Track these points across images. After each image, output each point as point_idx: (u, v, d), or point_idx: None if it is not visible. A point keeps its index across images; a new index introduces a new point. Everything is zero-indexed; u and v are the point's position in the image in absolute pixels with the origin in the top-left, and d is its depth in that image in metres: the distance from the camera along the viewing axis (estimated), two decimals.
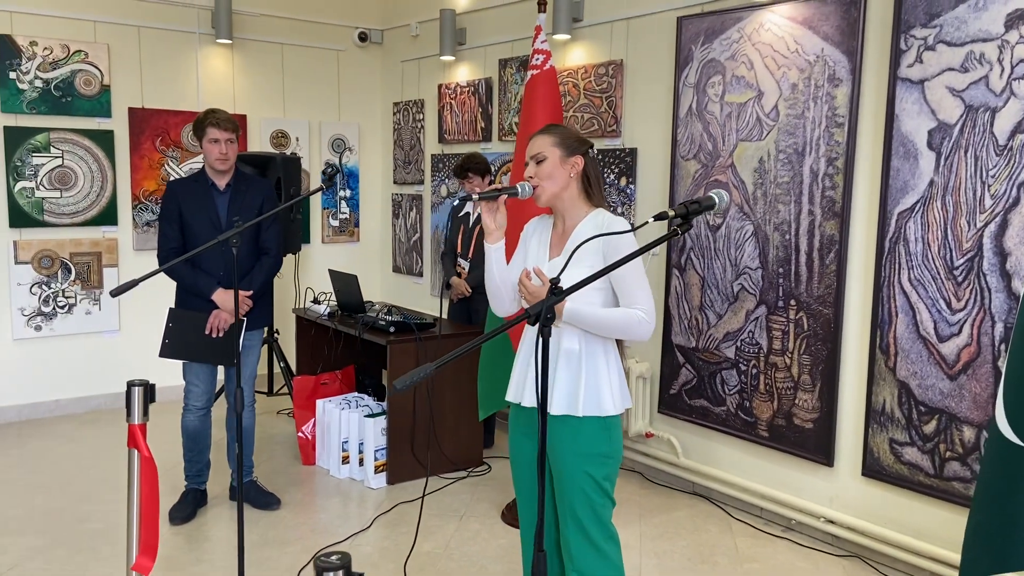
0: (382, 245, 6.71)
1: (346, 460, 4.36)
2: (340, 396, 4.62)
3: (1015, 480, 1.95)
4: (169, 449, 4.48)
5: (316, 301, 5.02)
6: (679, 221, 1.83)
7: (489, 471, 4.52)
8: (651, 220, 1.84)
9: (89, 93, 5.33)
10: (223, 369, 3.98)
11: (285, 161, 5.29)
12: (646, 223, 1.91)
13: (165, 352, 3.69)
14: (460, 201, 2.34)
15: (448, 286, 4.78)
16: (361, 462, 4.31)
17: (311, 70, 6.28)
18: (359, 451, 4.30)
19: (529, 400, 2.36)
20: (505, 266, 2.42)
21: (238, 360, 2.95)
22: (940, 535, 3.25)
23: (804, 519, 3.70)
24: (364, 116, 6.57)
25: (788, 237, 3.66)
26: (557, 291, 1.71)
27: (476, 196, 2.27)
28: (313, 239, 6.38)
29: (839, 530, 3.57)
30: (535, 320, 1.64)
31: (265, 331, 4.32)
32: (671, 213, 1.82)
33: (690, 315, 4.11)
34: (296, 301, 6.01)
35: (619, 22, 4.49)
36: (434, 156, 5.97)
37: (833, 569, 3.43)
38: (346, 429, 4.33)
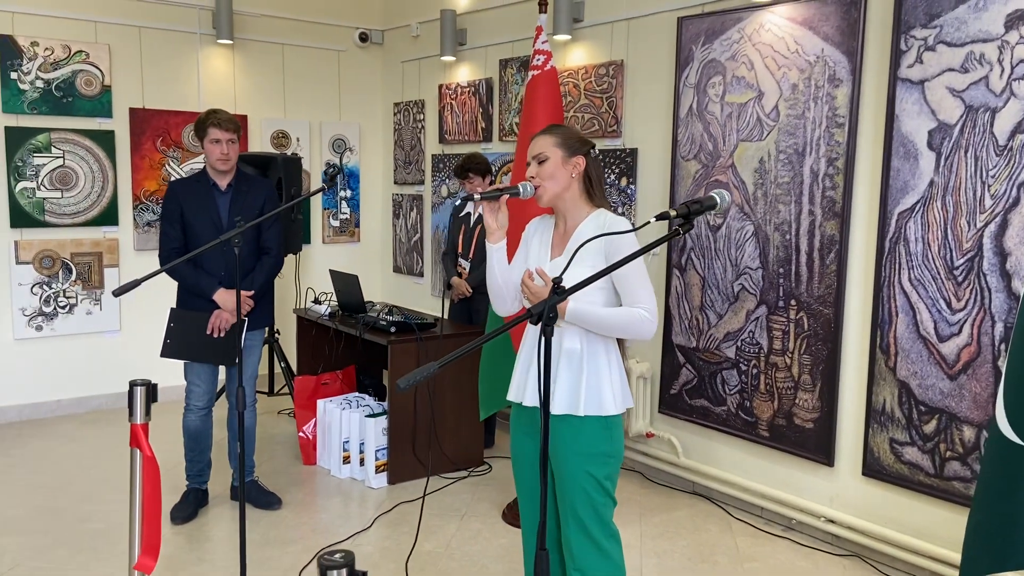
0: (382, 245, 6.71)
1: (347, 460, 4.36)
2: (341, 396, 4.63)
3: (1015, 479, 1.96)
4: (170, 449, 4.49)
5: (317, 301, 5.02)
6: (680, 221, 1.83)
7: (490, 471, 4.52)
8: (653, 220, 1.84)
9: (90, 93, 5.34)
10: (224, 369, 3.99)
11: (286, 161, 5.30)
12: (648, 223, 1.91)
13: (166, 352, 3.70)
14: (462, 201, 2.35)
15: (449, 286, 4.79)
16: (362, 462, 4.31)
17: (312, 70, 6.28)
18: (360, 451, 4.31)
19: (530, 399, 2.37)
20: (507, 266, 2.42)
21: (240, 360, 2.96)
22: (940, 534, 3.25)
23: (804, 519, 3.71)
24: (365, 116, 6.58)
25: (788, 237, 3.67)
26: (559, 290, 1.71)
27: (478, 196, 2.28)
28: (314, 239, 6.39)
29: (839, 530, 3.57)
30: (537, 319, 1.64)
31: (266, 331, 4.33)
32: (673, 213, 1.83)
33: (690, 315, 4.12)
34: (297, 301, 6.02)
35: (620, 22, 4.49)
36: (435, 156, 5.98)
37: (833, 568, 3.43)
38: (347, 429, 4.33)
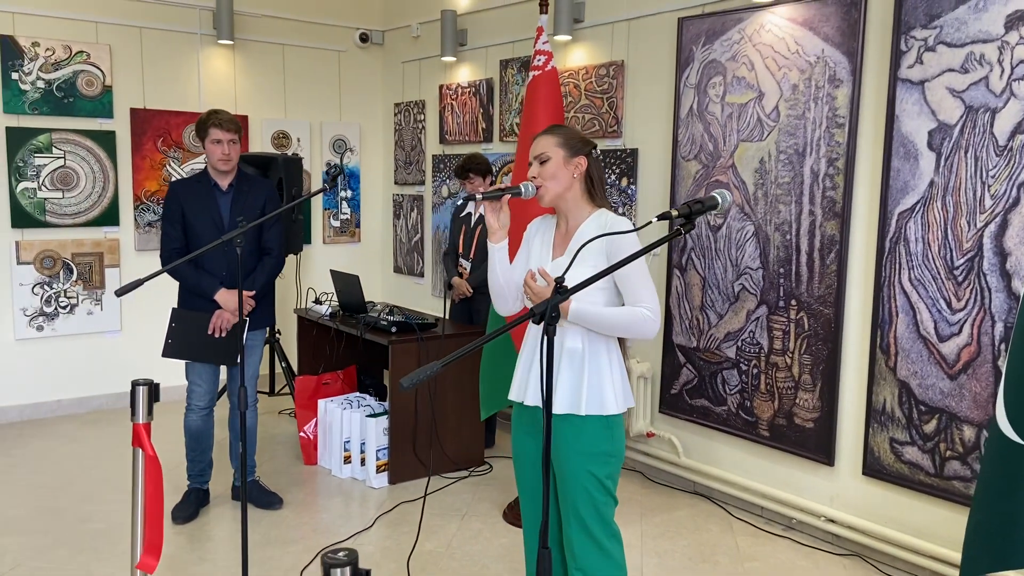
0: (383, 246, 6.72)
1: (348, 460, 4.37)
2: (342, 396, 4.63)
3: (1015, 478, 1.97)
4: (171, 449, 4.49)
5: (318, 301, 5.03)
6: (682, 221, 1.84)
7: (490, 471, 4.53)
8: (655, 220, 1.85)
9: (91, 94, 5.34)
10: (225, 369, 3.99)
11: (287, 162, 5.30)
12: (650, 223, 1.92)
13: (168, 352, 3.70)
14: (464, 201, 2.35)
15: (450, 286, 4.79)
16: (363, 462, 4.32)
17: (312, 71, 6.29)
18: (361, 451, 4.32)
19: (532, 399, 2.37)
20: (508, 265, 2.43)
21: (242, 359, 2.96)
22: (940, 534, 3.26)
23: (805, 518, 3.71)
24: (365, 117, 6.58)
25: (789, 237, 3.67)
26: (562, 290, 1.72)
27: (480, 195, 2.29)
28: (314, 239, 6.39)
29: (840, 529, 3.58)
30: (540, 319, 1.65)
31: (267, 331, 4.33)
32: (675, 213, 1.83)
33: (691, 315, 4.12)
34: (298, 301, 6.02)
35: (620, 23, 4.50)
36: (435, 157, 5.98)
37: (834, 568, 3.44)
38: (348, 429, 4.34)
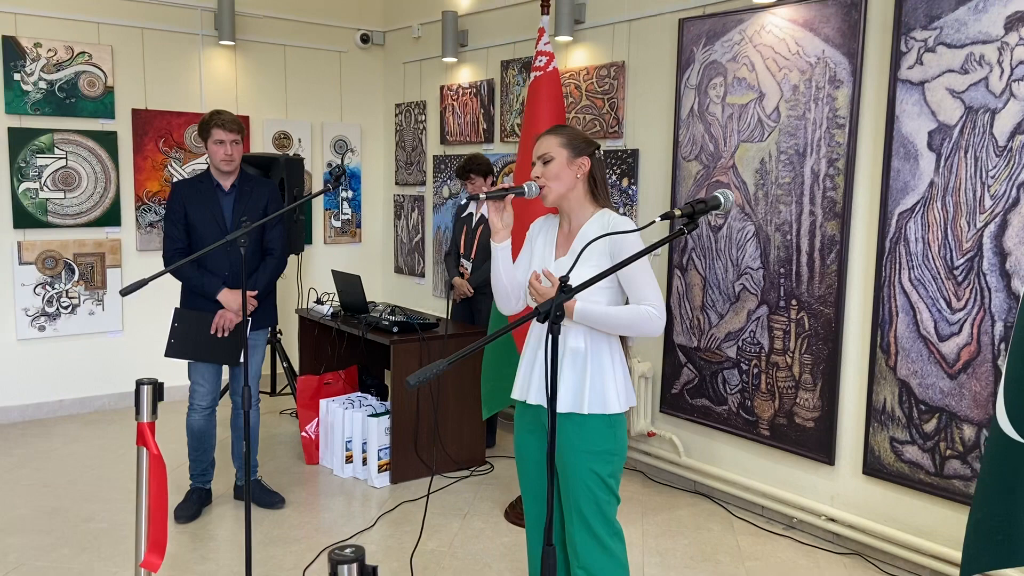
0: (384, 246, 6.73)
1: (350, 459, 4.38)
2: (343, 396, 4.64)
3: (1016, 476, 1.98)
4: (174, 448, 4.50)
5: (319, 301, 5.04)
6: (685, 220, 1.85)
7: (492, 470, 4.54)
8: (658, 220, 1.86)
9: (93, 94, 5.35)
10: (227, 369, 4.00)
11: (288, 162, 5.31)
12: (653, 222, 1.93)
13: (171, 352, 3.71)
14: (467, 201, 2.37)
15: (451, 286, 4.80)
16: (364, 461, 4.33)
17: (313, 71, 6.30)
18: (362, 450, 4.33)
19: (534, 398, 2.38)
20: (511, 265, 2.44)
21: (245, 359, 2.97)
22: (941, 533, 3.27)
23: (805, 517, 3.72)
24: (366, 117, 6.60)
25: (789, 237, 3.69)
26: (566, 289, 1.73)
27: (483, 195, 2.30)
28: (315, 240, 6.40)
29: (840, 528, 3.59)
30: (544, 318, 1.66)
31: (269, 331, 4.34)
32: (677, 213, 1.85)
33: (692, 315, 4.14)
34: (299, 301, 6.03)
35: (621, 24, 4.51)
36: (436, 157, 5.99)
37: (834, 567, 3.45)
38: (349, 429, 4.35)
